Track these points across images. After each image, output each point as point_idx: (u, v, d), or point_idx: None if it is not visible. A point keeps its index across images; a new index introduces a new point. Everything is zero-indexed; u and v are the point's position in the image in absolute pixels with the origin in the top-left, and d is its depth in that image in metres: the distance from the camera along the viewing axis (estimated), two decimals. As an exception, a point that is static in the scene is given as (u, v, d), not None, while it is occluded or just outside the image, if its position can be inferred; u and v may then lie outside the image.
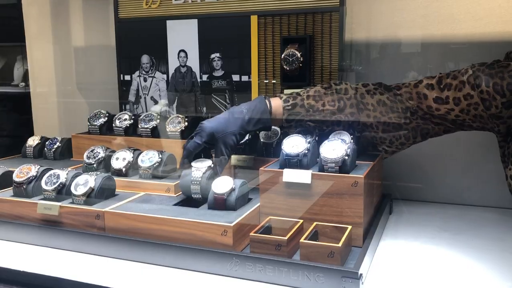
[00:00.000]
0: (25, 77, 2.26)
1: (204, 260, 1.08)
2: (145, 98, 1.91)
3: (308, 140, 1.26)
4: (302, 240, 1.07)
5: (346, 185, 1.15)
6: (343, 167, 1.19)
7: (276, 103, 1.35)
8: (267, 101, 1.35)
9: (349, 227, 1.13)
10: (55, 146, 1.78)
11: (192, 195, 1.28)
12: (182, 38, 1.80)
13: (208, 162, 1.30)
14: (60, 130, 2.21)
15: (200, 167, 1.28)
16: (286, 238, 1.07)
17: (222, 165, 1.31)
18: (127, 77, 1.93)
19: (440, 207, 1.60)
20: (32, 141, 1.83)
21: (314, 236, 1.13)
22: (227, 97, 1.78)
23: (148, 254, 1.13)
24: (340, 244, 1.03)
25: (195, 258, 1.08)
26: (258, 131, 1.48)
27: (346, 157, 1.19)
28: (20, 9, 2.20)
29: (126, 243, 1.15)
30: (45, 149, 1.79)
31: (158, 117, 1.70)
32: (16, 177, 1.36)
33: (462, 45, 1.55)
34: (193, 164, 1.30)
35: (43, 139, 1.83)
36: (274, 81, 1.68)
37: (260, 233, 1.11)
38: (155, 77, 1.88)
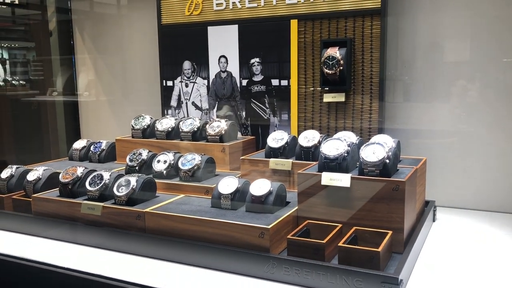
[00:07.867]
0: (87, 87, 2.41)
1: (241, 262, 1.08)
2: (186, 103, 1.95)
3: (348, 143, 1.24)
4: (341, 244, 1.06)
5: (386, 190, 1.13)
6: (384, 171, 1.16)
7: None
8: None
9: (390, 232, 1.11)
10: (100, 149, 1.82)
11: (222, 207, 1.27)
12: (223, 44, 1.84)
13: (234, 183, 1.27)
14: (105, 135, 2.25)
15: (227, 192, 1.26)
16: (324, 241, 1.06)
17: None
18: (169, 83, 1.98)
19: (488, 216, 1.53)
20: (78, 145, 1.88)
21: (353, 240, 1.11)
22: (266, 102, 1.79)
23: (186, 254, 1.15)
24: (380, 249, 1.01)
25: (232, 259, 1.09)
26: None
27: (387, 161, 1.16)
28: (71, 22, 2.34)
29: (165, 243, 1.18)
30: (90, 152, 1.84)
31: (199, 121, 1.73)
32: (62, 178, 1.42)
33: None
34: (220, 188, 1.27)
35: (89, 143, 1.88)
36: (313, 88, 1.67)
37: (297, 237, 1.11)
38: (196, 83, 1.92)
